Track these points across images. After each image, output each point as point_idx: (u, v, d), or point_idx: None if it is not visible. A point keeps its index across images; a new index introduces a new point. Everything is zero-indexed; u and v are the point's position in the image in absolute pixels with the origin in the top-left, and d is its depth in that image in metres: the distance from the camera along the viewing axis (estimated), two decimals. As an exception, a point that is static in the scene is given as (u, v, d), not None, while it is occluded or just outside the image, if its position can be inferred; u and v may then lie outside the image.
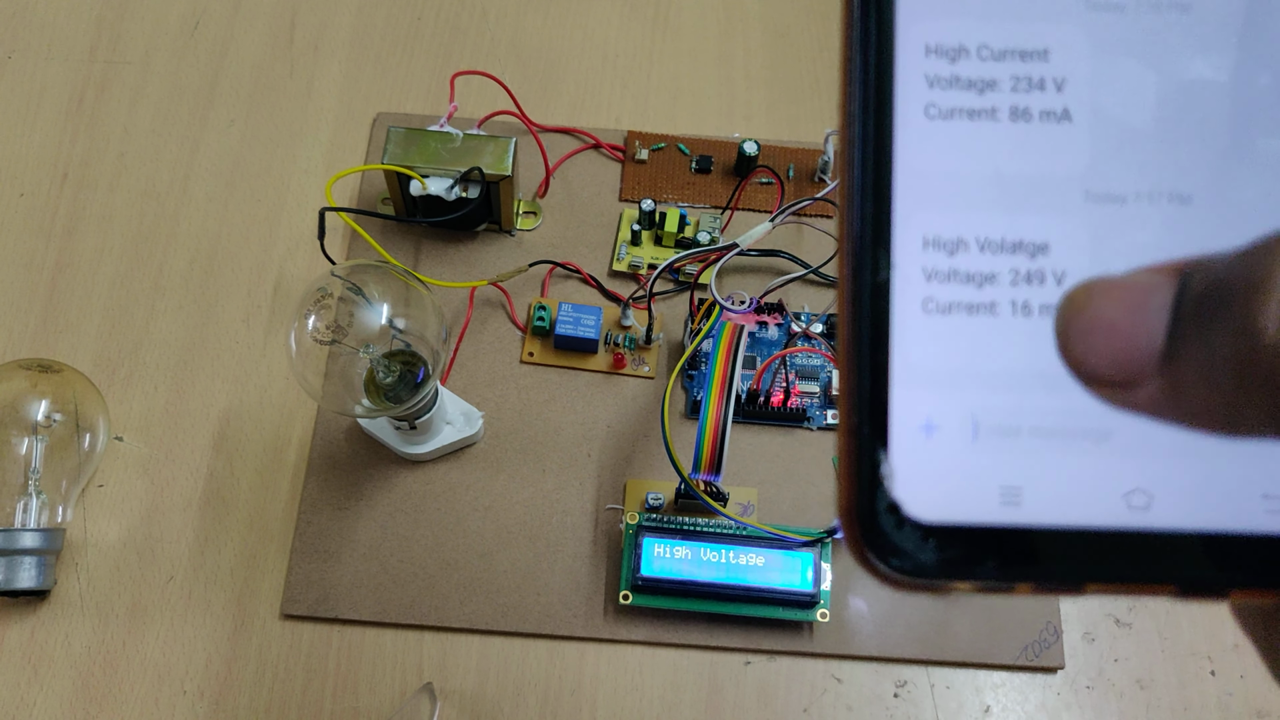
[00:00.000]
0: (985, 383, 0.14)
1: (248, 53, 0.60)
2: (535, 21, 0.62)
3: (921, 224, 0.14)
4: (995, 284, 0.14)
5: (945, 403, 0.14)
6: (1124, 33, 0.15)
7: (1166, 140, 0.15)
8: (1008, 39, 0.15)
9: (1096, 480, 0.14)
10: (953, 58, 0.15)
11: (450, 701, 0.46)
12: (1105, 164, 0.15)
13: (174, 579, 0.48)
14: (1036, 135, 0.15)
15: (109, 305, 0.53)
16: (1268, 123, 0.15)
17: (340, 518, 0.49)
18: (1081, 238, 0.14)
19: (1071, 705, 0.46)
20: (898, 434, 0.14)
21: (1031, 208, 0.15)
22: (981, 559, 0.14)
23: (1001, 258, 0.14)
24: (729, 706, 0.46)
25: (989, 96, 0.15)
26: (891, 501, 0.14)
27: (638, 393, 0.52)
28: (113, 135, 0.58)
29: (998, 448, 0.14)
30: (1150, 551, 0.14)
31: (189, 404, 0.51)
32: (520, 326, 0.53)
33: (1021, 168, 0.15)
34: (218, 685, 0.46)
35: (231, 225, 0.55)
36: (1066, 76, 0.15)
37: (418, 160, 0.50)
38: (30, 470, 0.46)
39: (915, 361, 0.14)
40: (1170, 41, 0.15)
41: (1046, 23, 0.15)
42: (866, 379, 0.14)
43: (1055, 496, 0.14)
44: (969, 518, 0.14)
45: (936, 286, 0.14)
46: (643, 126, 0.59)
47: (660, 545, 0.45)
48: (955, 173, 0.15)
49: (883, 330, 0.14)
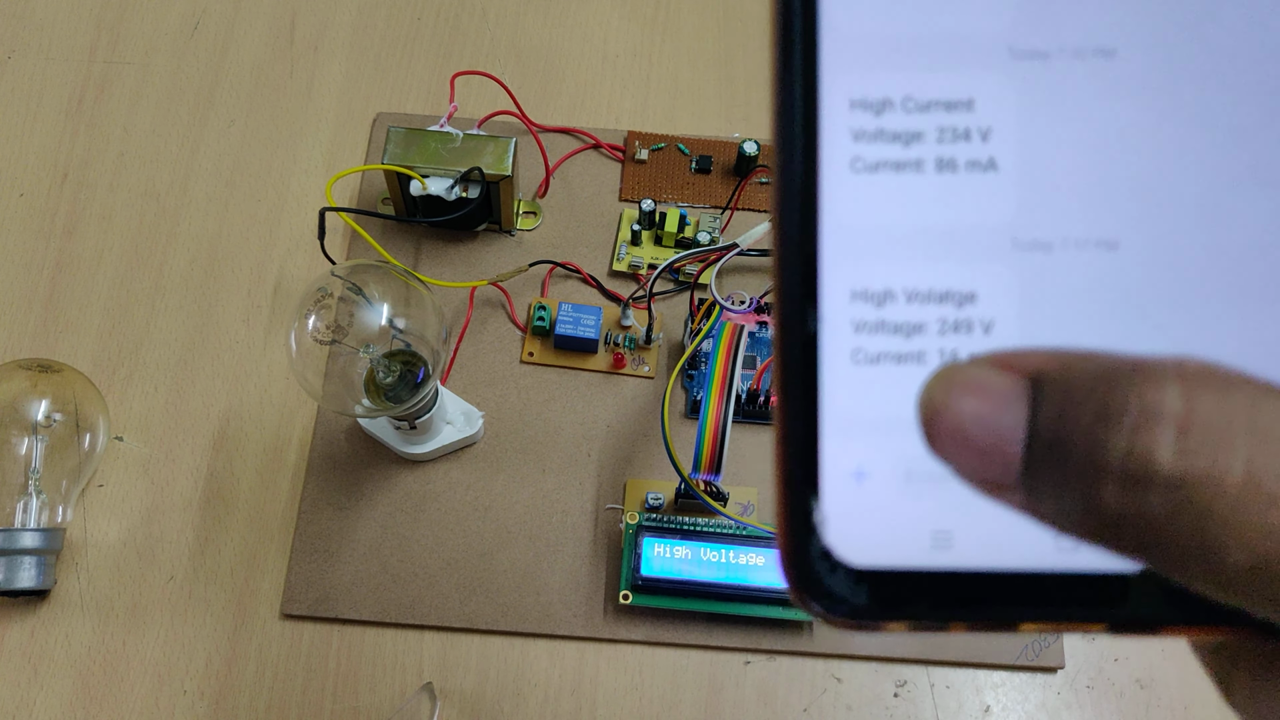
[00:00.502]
0: (915, 431, 0.14)
1: (248, 53, 0.60)
2: (535, 21, 0.62)
3: (849, 276, 0.15)
4: (923, 334, 0.15)
5: (876, 450, 0.15)
6: (1048, 81, 0.15)
7: (1093, 187, 0.15)
8: (932, 90, 0.15)
9: (1025, 522, 0.14)
10: (878, 111, 0.15)
11: (450, 701, 0.46)
12: (1032, 212, 0.15)
13: (174, 579, 0.48)
14: (963, 185, 0.15)
15: (109, 305, 0.53)
16: (1193, 169, 0.15)
17: (340, 517, 0.49)
18: (1009, 286, 0.15)
19: (1072, 705, 0.46)
20: (829, 482, 0.15)
21: (958, 257, 0.15)
22: (914, 601, 0.14)
23: (929, 308, 0.15)
24: (729, 706, 0.46)
25: (914, 148, 0.15)
26: (824, 548, 0.14)
27: (638, 393, 0.52)
28: (113, 135, 0.58)
29: (928, 493, 0.15)
30: (1081, 591, 0.14)
31: (189, 404, 0.51)
32: (520, 326, 0.53)
33: (948, 218, 0.15)
34: (218, 685, 0.46)
35: (231, 225, 0.56)
36: (992, 126, 0.15)
37: (418, 160, 0.50)
38: (30, 470, 0.46)
39: (845, 411, 0.15)
40: (1095, 88, 0.15)
41: (971, 73, 0.15)
42: (798, 429, 0.15)
43: (986, 539, 0.14)
44: (901, 562, 0.14)
45: (865, 337, 0.15)
46: (643, 126, 0.59)
47: (660, 545, 0.45)
48: (882, 225, 0.15)
49: (812, 381, 0.15)
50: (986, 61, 0.15)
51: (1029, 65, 0.15)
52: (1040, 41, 0.15)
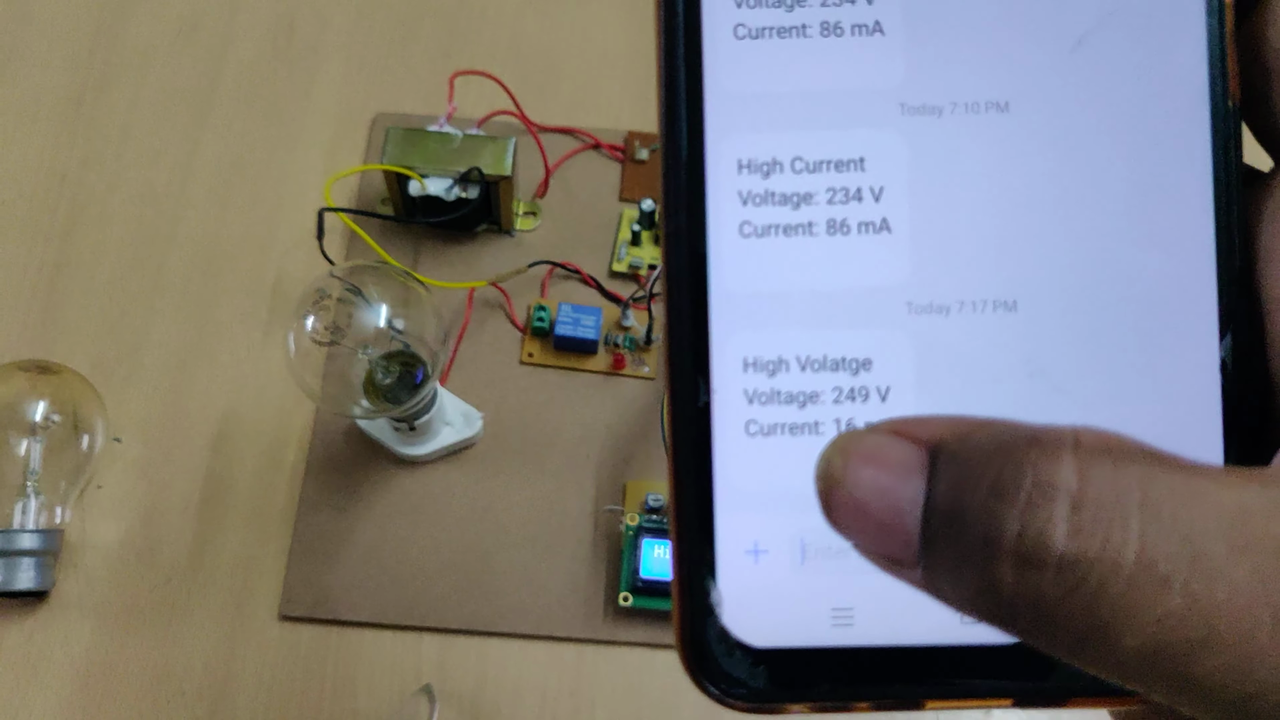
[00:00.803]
0: (813, 504, 0.13)
1: (246, 54, 0.60)
2: (535, 21, 0.62)
3: (740, 345, 0.14)
4: (818, 403, 0.14)
5: (772, 526, 0.14)
6: (942, 136, 0.14)
7: (990, 245, 0.14)
8: (822, 149, 0.14)
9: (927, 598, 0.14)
10: (766, 172, 0.14)
11: (449, 703, 0.46)
12: (927, 274, 0.14)
13: (172, 580, 0.48)
14: (855, 248, 0.14)
15: (107, 306, 0.53)
16: (1089, 225, 0.14)
17: (339, 519, 0.48)
18: (905, 351, 0.14)
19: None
20: (725, 559, 0.14)
21: (853, 323, 0.14)
22: (815, 681, 0.14)
23: (823, 375, 0.14)
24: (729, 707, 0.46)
25: (804, 211, 0.14)
26: (721, 628, 0.14)
27: (637, 394, 0.51)
28: (111, 136, 0.58)
29: (827, 569, 0.14)
30: (987, 666, 0.14)
31: (187, 405, 0.51)
32: (520, 327, 0.53)
33: (841, 282, 0.14)
34: (216, 686, 0.46)
35: (230, 226, 0.55)
36: (884, 185, 0.14)
37: (417, 160, 0.50)
38: (29, 471, 0.46)
39: (740, 485, 0.14)
40: (990, 143, 0.14)
41: (862, 129, 0.14)
42: (692, 504, 0.14)
43: (887, 615, 0.14)
44: (800, 641, 0.14)
45: (758, 409, 0.14)
46: (643, 126, 0.59)
47: (660, 547, 0.45)
48: (773, 291, 0.14)
49: (705, 455, 0.14)
50: (878, 119, 0.14)
51: (921, 120, 0.14)
52: (933, 97, 0.14)
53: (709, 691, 0.14)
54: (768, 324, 0.14)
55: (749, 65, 0.14)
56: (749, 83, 0.14)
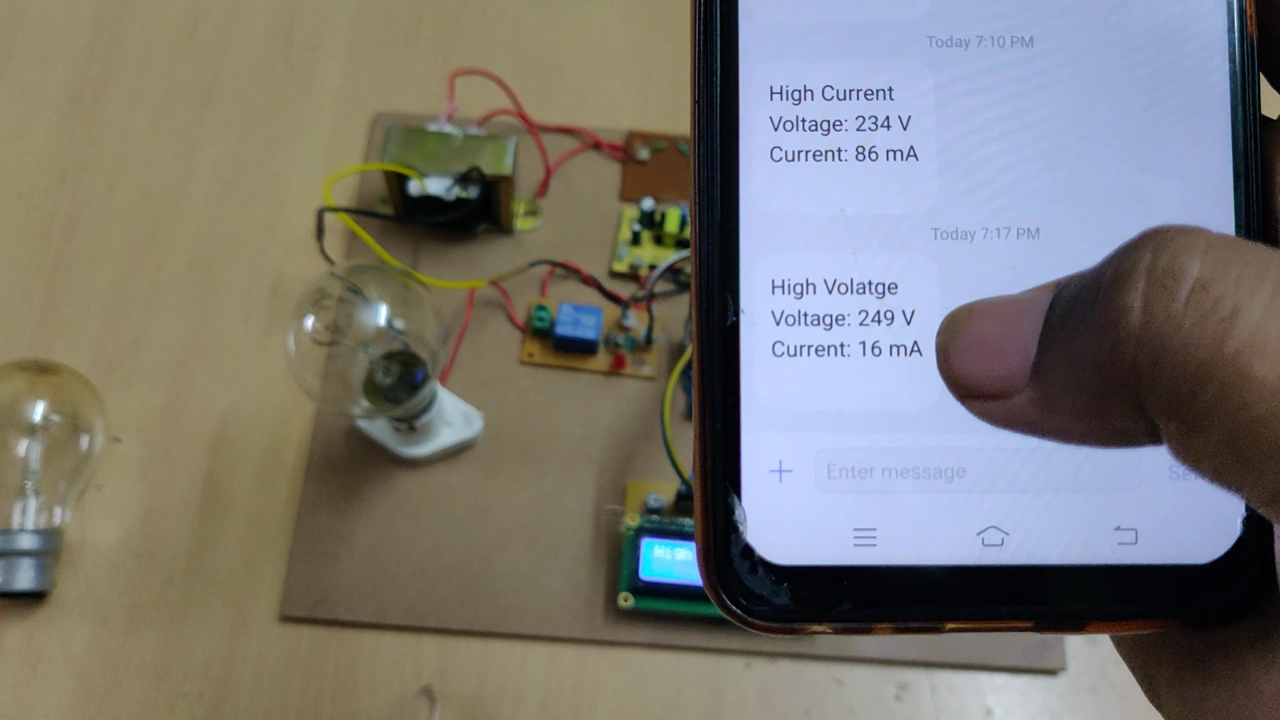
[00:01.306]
0: (837, 424, 0.14)
1: (247, 53, 0.60)
2: (535, 21, 0.62)
3: (769, 267, 0.15)
4: (845, 325, 0.14)
5: (797, 446, 0.14)
6: (968, 69, 0.15)
7: (1013, 175, 0.15)
8: (852, 78, 0.15)
9: (950, 518, 0.14)
10: (797, 99, 0.15)
11: (449, 704, 0.46)
12: (952, 201, 0.15)
13: (172, 581, 0.47)
14: (883, 174, 0.15)
15: (107, 306, 0.53)
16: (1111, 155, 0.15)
17: (339, 519, 0.48)
18: (930, 276, 0.15)
19: (1074, 707, 0.46)
20: (750, 478, 0.14)
21: (879, 247, 0.15)
22: (837, 600, 0.14)
23: (850, 298, 0.14)
24: (730, 709, 0.46)
25: (834, 137, 0.15)
26: (745, 545, 0.14)
27: (638, 394, 0.51)
28: (111, 135, 0.58)
29: (850, 489, 0.14)
30: (1006, 588, 0.14)
31: (187, 405, 0.51)
32: (520, 327, 0.53)
33: (869, 208, 0.15)
34: (216, 687, 0.46)
35: (230, 225, 0.55)
36: (912, 114, 0.15)
37: (417, 160, 0.50)
38: (28, 472, 0.46)
39: (766, 405, 0.14)
40: (1015, 77, 0.15)
41: (890, 60, 0.15)
42: (719, 424, 0.14)
43: (909, 536, 0.14)
44: (823, 559, 0.14)
45: (785, 329, 0.15)
46: (643, 126, 0.58)
47: (661, 547, 0.45)
48: (802, 214, 0.15)
49: (733, 374, 0.14)
50: (906, 50, 0.15)
51: (948, 53, 0.15)
52: (959, 30, 0.15)
53: (731, 610, 0.14)
54: (796, 246, 0.15)
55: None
56: (783, 10, 0.15)
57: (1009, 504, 0.14)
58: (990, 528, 0.14)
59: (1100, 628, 0.15)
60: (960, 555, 0.14)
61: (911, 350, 0.15)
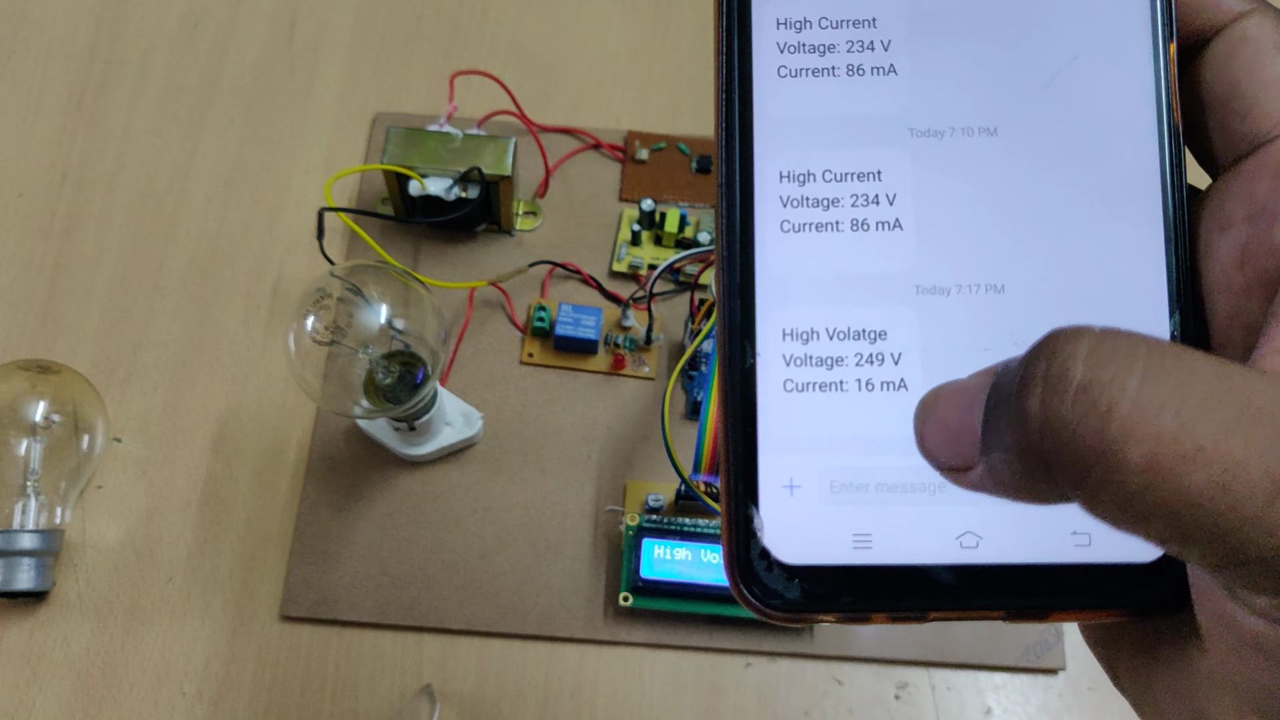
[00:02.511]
0: (837, 447, 0.17)
1: (247, 53, 0.60)
2: (535, 21, 0.62)
3: (780, 319, 0.17)
4: (843, 365, 0.17)
5: (805, 465, 0.17)
6: (943, 154, 0.18)
7: (982, 239, 0.18)
8: (848, 163, 0.18)
9: (933, 525, 0.17)
10: (802, 182, 0.18)
11: (450, 703, 0.46)
12: (931, 262, 0.18)
13: (173, 580, 0.48)
14: (873, 242, 0.18)
15: (108, 306, 0.53)
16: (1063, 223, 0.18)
17: (339, 519, 0.48)
18: (913, 324, 0.18)
19: (1073, 707, 0.46)
20: (766, 493, 0.17)
21: (871, 301, 0.18)
22: (839, 595, 0.17)
23: (847, 344, 0.17)
24: (729, 708, 0.46)
25: (833, 212, 0.18)
26: (763, 548, 0.17)
27: (638, 393, 0.51)
28: (112, 135, 0.58)
29: (849, 500, 0.17)
30: (981, 583, 0.17)
31: (188, 405, 0.51)
32: (520, 327, 0.53)
33: (862, 269, 0.18)
34: (217, 687, 0.46)
35: (231, 225, 0.55)
36: (897, 192, 0.18)
37: (417, 160, 0.50)
38: (29, 471, 0.46)
39: (778, 432, 0.17)
40: (982, 160, 0.18)
41: (879, 148, 0.18)
42: (739, 448, 0.17)
43: (899, 540, 0.17)
44: (827, 560, 0.17)
45: (794, 369, 0.17)
46: (643, 126, 0.59)
47: (660, 547, 0.45)
48: (807, 276, 0.18)
49: (751, 407, 0.17)
50: (891, 139, 0.18)
51: (926, 141, 0.18)
52: (935, 123, 0.18)
53: (751, 602, 0.17)
54: (802, 301, 0.18)
55: (789, 97, 0.18)
56: (789, 110, 0.18)
57: (982, 513, 0.17)
58: (967, 533, 0.17)
59: (1061, 617, 0.17)
60: (942, 556, 0.17)
61: (899, 386, 0.17)
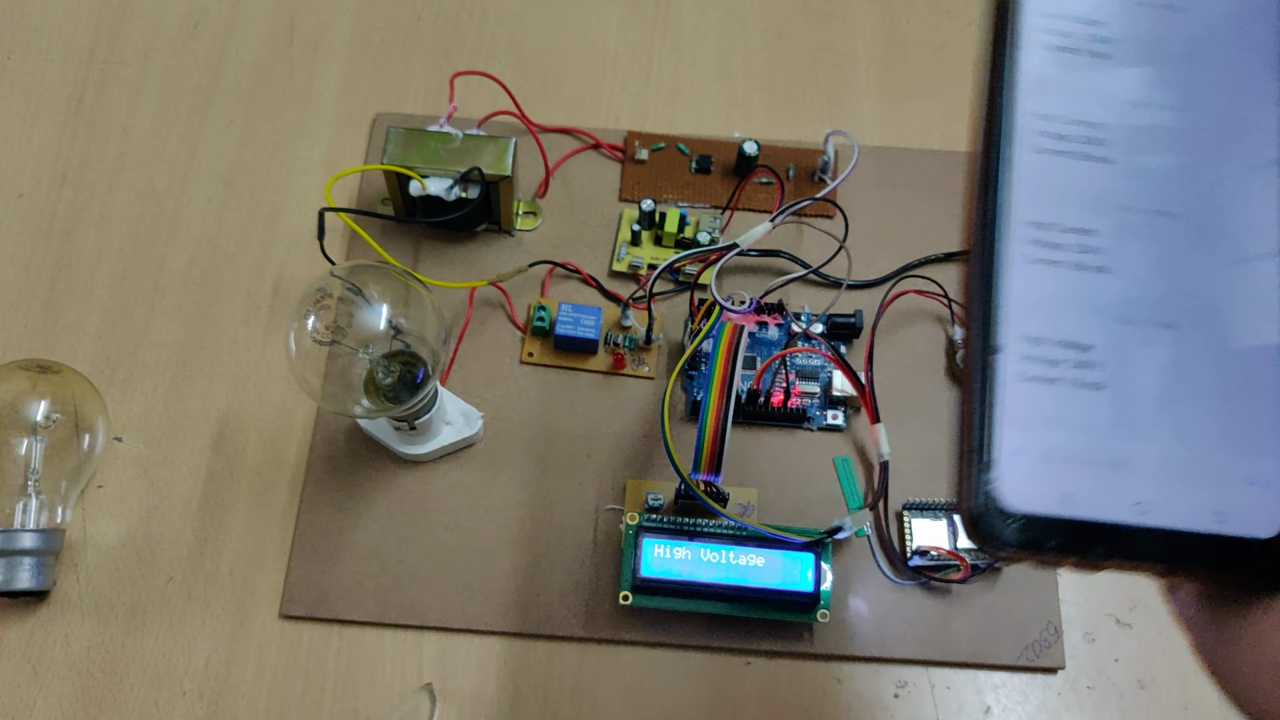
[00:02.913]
0: (1053, 427, 0.22)
1: (247, 53, 0.60)
2: (535, 21, 0.62)
3: (1018, 326, 0.23)
4: (1059, 367, 0.22)
5: (1029, 438, 0.22)
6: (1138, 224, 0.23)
7: (1167, 290, 0.23)
8: (1070, 221, 0.24)
9: (1117, 493, 0.22)
10: (1041, 229, 0.23)
11: (450, 702, 0.46)
12: (1129, 300, 0.23)
13: (173, 579, 0.48)
14: (1088, 278, 0.23)
15: (108, 306, 0.53)
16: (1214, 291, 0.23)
17: (340, 518, 0.49)
18: (1116, 349, 0.23)
19: (1072, 705, 0.46)
20: (999, 455, 0.22)
21: (1083, 324, 0.23)
22: (1045, 540, 0.21)
23: (1064, 351, 0.23)
24: (729, 707, 0.46)
25: (1059, 254, 0.23)
26: (993, 497, 0.21)
27: (638, 393, 0.52)
28: (112, 136, 0.58)
29: (1061, 468, 0.22)
30: (1147, 542, 0.22)
31: (188, 404, 0.51)
32: (520, 327, 0.53)
33: (1078, 297, 0.23)
34: (217, 686, 0.46)
35: (231, 226, 0.55)
36: (1104, 246, 0.23)
37: (417, 160, 0.50)
38: (29, 471, 0.46)
39: (1010, 410, 0.22)
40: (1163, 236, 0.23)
41: (1091, 215, 0.24)
42: (981, 421, 0.22)
43: (1093, 501, 0.22)
44: (1039, 511, 0.21)
45: (1026, 365, 0.22)
46: (643, 126, 0.59)
47: (660, 546, 0.45)
48: (1039, 297, 0.23)
49: (991, 389, 0.22)
50: (1101, 209, 0.24)
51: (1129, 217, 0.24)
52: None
53: (979, 537, 0.21)
54: (1034, 314, 0.23)
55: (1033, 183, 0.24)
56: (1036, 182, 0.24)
57: (1153, 487, 0.22)
58: (1140, 501, 0.22)
59: (1199, 575, 0.22)
60: (1121, 516, 0.22)
61: (1099, 387, 0.22)
